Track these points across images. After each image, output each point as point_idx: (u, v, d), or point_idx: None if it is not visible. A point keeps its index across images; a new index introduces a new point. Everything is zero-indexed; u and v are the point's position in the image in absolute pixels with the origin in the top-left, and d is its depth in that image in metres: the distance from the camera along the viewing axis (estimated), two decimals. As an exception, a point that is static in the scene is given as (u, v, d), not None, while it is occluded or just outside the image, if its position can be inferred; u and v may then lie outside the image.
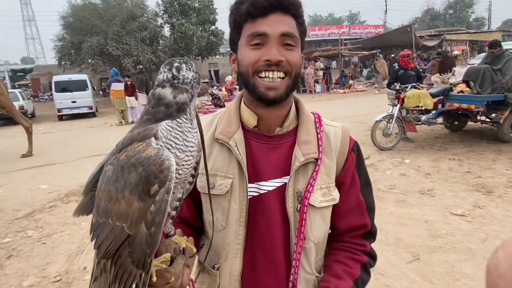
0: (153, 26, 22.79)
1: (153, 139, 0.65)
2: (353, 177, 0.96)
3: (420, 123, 6.61)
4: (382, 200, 4.18)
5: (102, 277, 0.67)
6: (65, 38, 21.48)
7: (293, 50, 0.85)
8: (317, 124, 0.95)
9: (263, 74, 0.84)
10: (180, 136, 0.67)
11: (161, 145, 0.65)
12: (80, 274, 2.96)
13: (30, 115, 15.87)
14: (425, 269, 2.78)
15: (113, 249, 0.65)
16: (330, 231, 0.96)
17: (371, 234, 0.99)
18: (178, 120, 0.67)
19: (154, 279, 0.67)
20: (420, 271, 2.75)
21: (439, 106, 6.52)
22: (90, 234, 0.70)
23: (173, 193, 0.77)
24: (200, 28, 23.64)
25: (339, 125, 0.99)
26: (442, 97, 6.49)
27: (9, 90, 16.46)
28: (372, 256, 0.99)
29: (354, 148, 0.97)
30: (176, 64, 0.68)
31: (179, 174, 0.69)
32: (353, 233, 0.97)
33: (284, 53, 0.83)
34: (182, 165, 0.69)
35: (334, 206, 0.94)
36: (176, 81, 0.67)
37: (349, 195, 0.95)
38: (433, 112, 6.52)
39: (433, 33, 25.57)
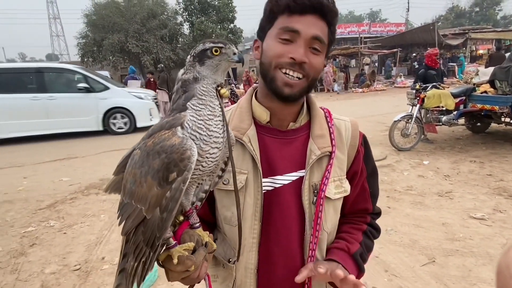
0: (172, 24, 23.08)
1: (179, 128, 0.68)
2: (362, 169, 0.99)
3: (441, 124, 6.45)
4: (398, 202, 4.11)
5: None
6: (88, 35, 22.06)
7: (318, 55, 0.86)
8: (327, 119, 0.98)
9: (284, 70, 0.85)
10: (203, 125, 0.69)
11: (186, 135, 0.67)
12: (98, 264, 3.06)
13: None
14: (440, 272, 2.73)
15: (133, 228, 0.70)
16: None
17: (372, 213, 1.06)
18: (194, 107, 0.70)
19: (175, 261, 0.70)
20: (435, 274, 2.71)
21: (461, 106, 6.34)
22: (118, 211, 0.75)
23: (201, 184, 0.79)
24: (219, 26, 23.77)
25: (348, 119, 1.02)
26: (464, 97, 6.30)
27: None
28: (373, 226, 1.05)
29: (363, 142, 1.01)
30: None
31: (202, 166, 0.70)
32: (355, 214, 1.05)
33: (309, 56, 0.84)
34: (207, 157, 0.70)
35: None
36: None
37: (356, 185, 0.99)
38: (455, 112, 6.34)
39: (457, 32, 24.79)
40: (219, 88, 0.73)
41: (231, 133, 0.79)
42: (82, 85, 9.22)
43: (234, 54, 0.72)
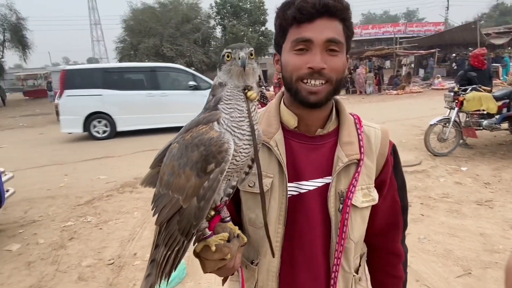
0: (205, 27, 23.57)
1: (216, 123, 0.71)
2: (391, 179, 0.97)
3: (481, 128, 6.08)
4: (433, 209, 3.94)
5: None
6: (125, 40, 23.08)
7: (337, 55, 0.84)
8: (357, 125, 0.95)
9: (305, 81, 0.85)
10: (236, 123, 0.72)
11: (223, 130, 0.71)
12: (131, 259, 3.19)
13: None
14: (477, 285, 2.59)
15: (167, 218, 0.73)
16: None
17: (403, 235, 1.05)
18: (225, 111, 0.73)
19: (213, 249, 0.73)
20: (471, 287, 2.57)
21: (504, 110, 5.96)
22: (152, 203, 0.78)
23: (229, 180, 0.80)
24: (251, 29, 23.99)
25: (378, 127, 0.99)
26: (508, 100, 5.92)
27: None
28: (406, 257, 1.08)
29: (392, 151, 0.98)
30: None
31: (236, 160, 0.73)
32: (387, 236, 1.03)
33: (327, 60, 0.83)
34: (240, 152, 0.73)
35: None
36: None
37: (386, 196, 0.97)
38: (497, 116, 5.96)
39: (501, 30, 23.32)
40: (246, 91, 0.74)
41: (260, 132, 0.80)
42: (192, 83, 9.92)
43: (239, 59, 0.71)
